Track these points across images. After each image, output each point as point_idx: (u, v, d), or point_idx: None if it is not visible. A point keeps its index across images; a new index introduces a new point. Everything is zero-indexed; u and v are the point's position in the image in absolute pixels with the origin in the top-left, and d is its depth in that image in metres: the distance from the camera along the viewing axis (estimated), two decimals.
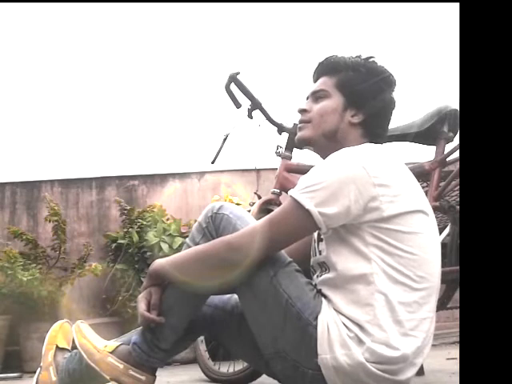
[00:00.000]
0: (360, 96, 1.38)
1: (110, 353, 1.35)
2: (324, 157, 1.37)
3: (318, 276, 1.32)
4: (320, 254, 1.31)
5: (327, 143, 1.40)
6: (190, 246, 1.35)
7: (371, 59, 1.43)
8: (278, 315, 1.23)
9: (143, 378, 1.32)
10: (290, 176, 2.28)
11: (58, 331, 1.51)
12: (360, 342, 1.18)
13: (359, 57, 1.43)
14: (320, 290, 1.28)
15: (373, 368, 1.17)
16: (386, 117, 1.43)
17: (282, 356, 1.25)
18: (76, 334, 1.41)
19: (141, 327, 1.34)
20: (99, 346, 1.37)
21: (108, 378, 1.32)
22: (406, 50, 4.35)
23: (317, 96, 1.43)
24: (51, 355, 1.46)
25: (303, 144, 1.46)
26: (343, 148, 1.28)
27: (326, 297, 1.26)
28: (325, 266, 1.29)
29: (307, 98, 1.46)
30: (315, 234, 1.36)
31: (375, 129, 1.40)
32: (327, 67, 1.44)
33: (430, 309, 1.25)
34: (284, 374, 1.30)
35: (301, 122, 1.44)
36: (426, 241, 1.25)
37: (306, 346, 1.21)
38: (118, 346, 1.37)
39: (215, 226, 1.33)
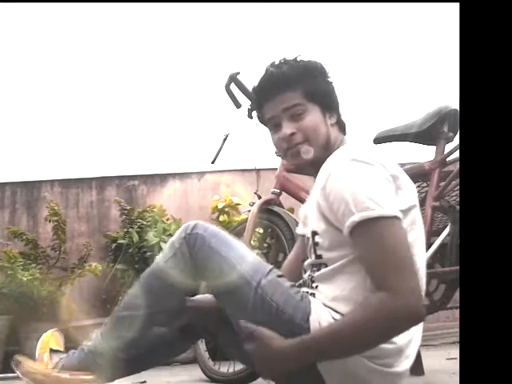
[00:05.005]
0: (325, 97, 1.37)
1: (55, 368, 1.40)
2: (317, 171, 1.31)
3: (311, 272, 1.31)
4: (316, 252, 1.30)
5: (325, 154, 1.33)
6: (159, 264, 1.41)
7: (299, 57, 1.39)
8: (269, 324, 1.22)
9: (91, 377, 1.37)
10: (290, 176, 2.28)
11: (50, 337, 1.53)
12: None
13: (284, 59, 1.38)
14: (315, 286, 1.28)
15: (369, 362, 1.17)
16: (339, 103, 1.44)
17: None
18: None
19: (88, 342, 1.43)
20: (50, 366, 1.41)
21: None
22: (407, 50, 4.35)
23: (292, 113, 1.33)
24: (47, 356, 1.47)
25: (308, 167, 1.37)
26: (330, 152, 1.30)
27: (316, 291, 1.25)
28: (318, 266, 1.28)
29: (274, 124, 1.37)
30: (311, 238, 1.33)
31: (341, 120, 1.41)
32: (282, 82, 1.35)
33: None
34: None
35: (295, 145, 1.34)
36: (417, 235, 1.25)
37: None
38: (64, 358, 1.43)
39: (189, 246, 1.34)
